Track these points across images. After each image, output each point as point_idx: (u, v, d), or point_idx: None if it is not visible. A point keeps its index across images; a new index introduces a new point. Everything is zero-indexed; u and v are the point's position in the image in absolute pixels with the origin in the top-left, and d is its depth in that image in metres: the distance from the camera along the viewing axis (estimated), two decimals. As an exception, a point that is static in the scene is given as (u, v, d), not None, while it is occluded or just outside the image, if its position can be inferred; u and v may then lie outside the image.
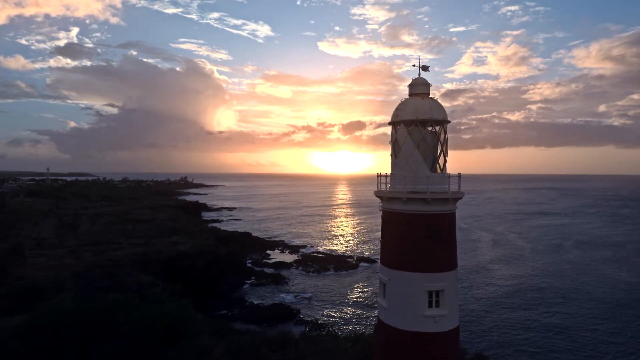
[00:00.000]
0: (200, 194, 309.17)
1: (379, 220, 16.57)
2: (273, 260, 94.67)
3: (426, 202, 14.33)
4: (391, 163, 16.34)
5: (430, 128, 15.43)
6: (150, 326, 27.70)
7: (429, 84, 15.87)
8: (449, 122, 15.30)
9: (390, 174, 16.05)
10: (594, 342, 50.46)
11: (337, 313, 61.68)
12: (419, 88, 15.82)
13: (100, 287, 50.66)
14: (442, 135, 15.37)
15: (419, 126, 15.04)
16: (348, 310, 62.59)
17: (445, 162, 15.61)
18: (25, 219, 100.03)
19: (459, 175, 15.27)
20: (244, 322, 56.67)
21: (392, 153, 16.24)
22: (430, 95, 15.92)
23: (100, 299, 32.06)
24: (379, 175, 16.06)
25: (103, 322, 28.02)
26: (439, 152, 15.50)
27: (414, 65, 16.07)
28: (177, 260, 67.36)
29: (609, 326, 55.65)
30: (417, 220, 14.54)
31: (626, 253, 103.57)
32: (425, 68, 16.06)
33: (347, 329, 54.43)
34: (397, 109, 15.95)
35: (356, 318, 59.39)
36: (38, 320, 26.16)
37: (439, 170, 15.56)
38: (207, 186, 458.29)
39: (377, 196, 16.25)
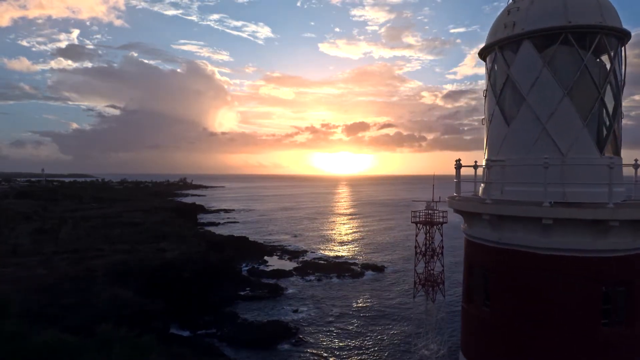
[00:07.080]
0: (199, 195, 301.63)
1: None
2: (271, 268, 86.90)
3: (605, 228, 4.98)
4: (489, 136, 6.71)
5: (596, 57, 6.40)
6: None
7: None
8: (630, 36, 5.87)
9: (486, 160, 6.62)
10: None
11: (342, 328, 54.07)
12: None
13: (66, 305, 43.80)
14: (619, 70, 6.55)
15: (573, 44, 5.55)
16: (354, 327, 54.82)
17: (620, 131, 6.91)
18: (4, 222, 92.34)
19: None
20: (234, 344, 49.67)
21: (490, 114, 6.52)
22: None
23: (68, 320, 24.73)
24: (457, 167, 6.22)
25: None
26: (612, 108, 6.46)
27: None
28: (161, 270, 59.82)
29: None
30: (579, 274, 5.07)
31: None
32: None
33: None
34: (508, 13, 6.07)
35: (364, 339, 51.55)
36: None
37: (609, 152, 6.69)
38: (207, 187, 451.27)
39: (458, 211, 7.36)
